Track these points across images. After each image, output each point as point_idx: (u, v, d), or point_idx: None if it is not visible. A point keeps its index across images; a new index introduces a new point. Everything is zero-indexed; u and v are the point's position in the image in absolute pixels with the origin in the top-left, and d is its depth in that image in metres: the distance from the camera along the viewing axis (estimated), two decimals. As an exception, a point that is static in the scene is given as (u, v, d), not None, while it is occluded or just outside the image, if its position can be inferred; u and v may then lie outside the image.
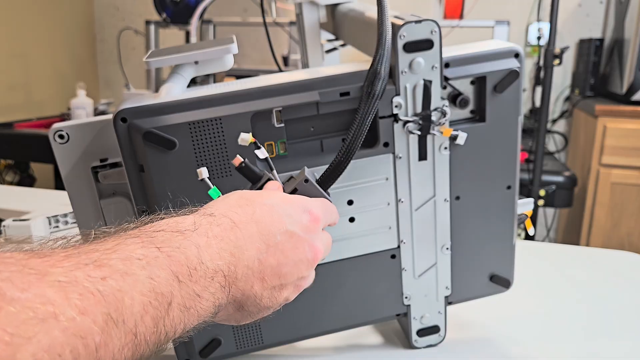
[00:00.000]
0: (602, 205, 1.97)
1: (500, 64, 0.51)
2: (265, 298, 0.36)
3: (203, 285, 0.30)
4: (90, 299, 0.23)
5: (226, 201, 0.37)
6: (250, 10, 2.63)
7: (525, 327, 0.66)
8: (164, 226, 0.31)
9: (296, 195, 0.41)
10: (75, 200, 0.54)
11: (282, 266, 0.36)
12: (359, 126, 0.45)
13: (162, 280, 0.28)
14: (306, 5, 0.76)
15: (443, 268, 0.57)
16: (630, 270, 0.83)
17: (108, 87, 3.17)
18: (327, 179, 0.45)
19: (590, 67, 2.20)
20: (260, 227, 0.35)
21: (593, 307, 0.71)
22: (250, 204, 0.36)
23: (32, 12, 2.68)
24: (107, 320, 0.24)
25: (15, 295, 0.21)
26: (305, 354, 0.60)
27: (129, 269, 0.26)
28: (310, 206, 0.40)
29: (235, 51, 0.50)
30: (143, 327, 0.26)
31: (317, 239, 0.39)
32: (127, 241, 0.28)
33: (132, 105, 0.46)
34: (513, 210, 0.57)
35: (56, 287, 0.22)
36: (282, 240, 0.36)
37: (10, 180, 2.39)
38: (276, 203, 0.38)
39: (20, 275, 0.22)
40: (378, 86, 0.44)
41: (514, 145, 0.54)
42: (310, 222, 0.39)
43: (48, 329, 0.21)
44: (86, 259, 0.25)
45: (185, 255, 0.30)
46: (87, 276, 0.24)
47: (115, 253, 0.27)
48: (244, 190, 0.40)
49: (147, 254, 0.28)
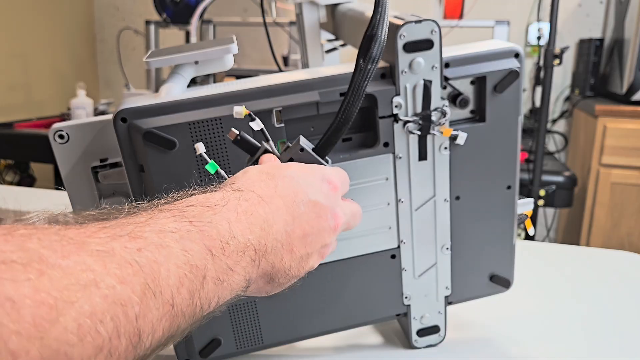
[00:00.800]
0: (602, 205, 1.97)
1: (500, 64, 0.51)
2: (293, 268, 0.36)
3: (235, 260, 0.31)
4: (128, 269, 0.24)
5: (247, 176, 0.37)
6: (250, 10, 2.63)
7: (525, 327, 0.66)
8: (193, 201, 0.31)
9: (312, 165, 0.41)
10: (75, 201, 0.54)
11: (308, 235, 0.37)
12: (356, 89, 0.42)
13: (195, 254, 0.28)
14: (306, 5, 0.76)
15: (443, 268, 0.57)
16: (630, 270, 0.83)
17: (108, 87, 3.17)
18: (324, 146, 0.44)
19: (590, 67, 2.20)
20: (285, 200, 0.36)
21: (593, 307, 0.71)
22: (271, 178, 0.37)
23: (32, 12, 2.68)
24: (145, 290, 0.24)
25: (57, 261, 0.21)
26: (305, 354, 0.60)
27: (163, 241, 0.26)
28: (328, 174, 0.40)
29: (235, 51, 0.50)
30: (180, 299, 0.26)
31: (337, 206, 0.40)
32: (159, 215, 0.28)
33: (132, 105, 0.46)
34: (513, 210, 0.57)
35: (95, 256, 0.23)
36: (306, 211, 0.37)
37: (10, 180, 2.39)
38: (296, 174, 0.38)
39: (59, 244, 0.22)
40: (375, 49, 0.42)
41: (514, 145, 0.54)
42: (330, 190, 0.40)
43: (89, 295, 0.21)
44: (121, 231, 0.25)
45: (217, 230, 0.30)
46: (123, 247, 0.24)
47: (148, 226, 0.27)
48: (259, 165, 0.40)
49: (180, 228, 0.28)
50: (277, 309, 0.55)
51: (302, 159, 0.43)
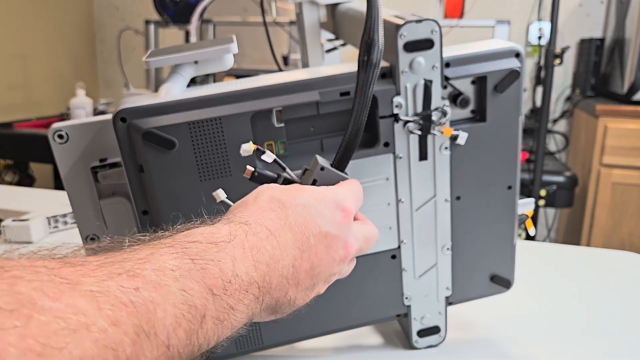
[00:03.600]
0: (602, 205, 1.97)
1: (501, 63, 0.51)
2: (299, 299, 0.36)
3: (237, 298, 0.30)
4: (122, 310, 0.23)
5: (258, 204, 0.36)
6: (250, 10, 2.63)
7: (526, 327, 0.66)
8: (198, 237, 0.31)
9: (326, 189, 0.39)
10: (74, 201, 0.54)
11: (316, 268, 0.36)
12: (362, 98, 0.42)
13: (195, 293, 0.27)
14: (306, 5, 0.76)
15: (443, 268, 0.57)
16: (631, 271, 0.83)
17: (108, 87, 3.16)
18: (342, 160, 0.44)
19: (591, 67, 2.20)
20: (294, 232, 0.35)
21: (594, 307, 0.71)
22: (282, 207, 0.36)
23: (31, 12, 2.68)
24: (139, 332, 0.24)
25: (47, 304, 0.21)
26: (305, 355, 0.60)
27: (162, 280, 0.26)
28: (343, 201, 0.39)
29: (235, 51, 0.50)
30: (176, 340, 0.26)
31: (350, 234, 0.39)
32: (160, 251, 0.28)
33: (131, 105, 0.46)
34: (514, 210, 0.57)
35: (88, 297, 0.22)
36: (315, 243, 0.36)
37: (10, 180, 2.39)
38: (308, 202, 0.37)
39: (51, 285, 0.22)
40: (374, 54, 0.41)
41: (515, 145, 0.54)
42: (344, 218, 0.38)
43: (79, 340, 0.21)
44: (119, 268, 0.25)
45: (220, 268, 0.29)
46: (119, 286, 0.24)
47: (148, 263, 0.26)
48: (271, 186, 0.39)
49: (180, 266, 0.27)
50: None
51: (325, 177, 0.43)
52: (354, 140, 0.43)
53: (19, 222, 0.95)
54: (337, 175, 0.43)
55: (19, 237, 0.94)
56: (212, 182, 0.48)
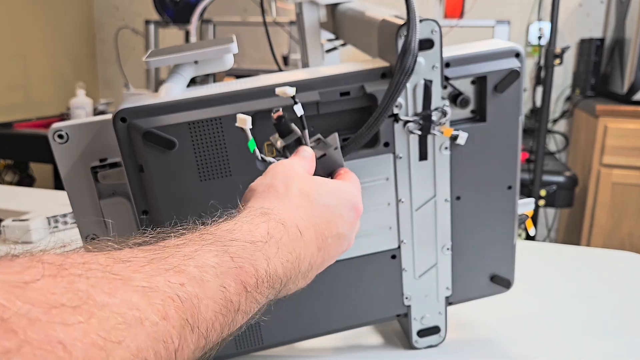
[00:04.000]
0: (602, 205, 1.97)
1: (501, 63, 0.51)
2: (301, 286, 0.39)
3: (263, 294, 0.32)
4: (170, 305, 0.25)
5: (290, 199, 0.38)
6: (250, 10, 2.63)
7: (526, 327, 0.66)
8: (238, 234, 0.32)
9: (346, 190, 0.42)
10: (74, 201, 0.53)
11: (325, 263, 0.40)
12: (391, 96, 0.46)
13: (232, 290, 0.29)
14: (306, 5, 0.76)
15: (443, 268, 0.57)
16: (631, 271, 0.83)
17: (107, 87, 3.16)
18: (352, 145, 0.47)
19: (591, 67, 2.20)
20: (317, 231, 0.38)
21: (594, 307, 0.71)
22: (310, 205, 0.38)
23: (31, 12, 2.68)
24: (184, 325, 0.25)
25: (104, 300, 0.22)
26: (305, 355, 0.60)
27: (204, 277, 0.27)
28: (357, 201, 0.42)
29: (235, 51, 0.50)
30: (213, 332, 0.28)
31: (354, 231, 0.42)
32: (203, 248, 0.29)
33: (131, 105, 0.46)
34: (514, 210, 0.56)
35: (140, 293, 0.24)
36: (331, 242, 0.39)
37: (10, 180, 2.39)
38: (332, 204, 0.39)
39: (106, 281, 0.23)
40: (409, 61, 0.45)
41: (515, 145, 0.54)
42: (355, 218, 0.41)
43: (135, 334, 0.22)
44: (166, 264, 0.26)
45: (255, 268, 0.31)
46: (167, 282, 0.25)
47: (192, 260, 0.28)
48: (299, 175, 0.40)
49: (221, 263, 0.29)
50: (277, 310, 0.55)
51: (332, 156, 0.45)
52: (370, 131, 0.46)
53: (18, 222, 0.95)
54: (340, 158, 0.46)
55: (19, 237, 0.94)
56: (212, 182, 0.48)
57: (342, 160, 0.46)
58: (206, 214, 0.49)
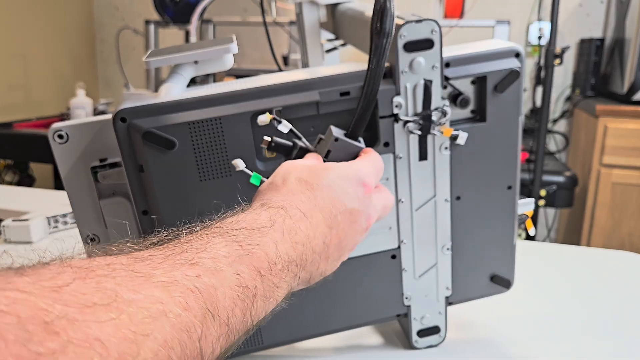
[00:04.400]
0: (602, 205, 1.97)
1: (501, 63, 0.51)
2: (328, 270, 0.40)
3: (280, 277, 0.33)
4: (190, 296, 0.26)
5: (288, 187, 0.39)
6: (250, 10, 2.63)
7: (526, 327, 0.66)
8: (243, 224, 0.34)
9: (349, 166, 0.41)
10: (74, 201, 0.54)
11: (342, 241, 0.40)
12: (376, 65, 0.43)
13: (246, 276, 0.30)
14: (306, 5, 0.76)
15: (443, 268, 0.57)
16: (631, 271, 0.83)
17: (107, 87, 3.16)
18: (355, 129, 0.45)
19: (591, 66, 2.20)
20: (323, 212, 0.38)
21: (594, 308, 0.71)
22: (311, 189, 0.39)
23: (31, 12, 2.68)
24: (205, 314, 0.27)
25: (130, 297, 0.24)
26: (305, 355, 0.60)
27: (218, 267, 0.29)
28: (364, 176, 0.41)
29: (235, 51, 0.50)
30: (234, 319, 0.29)
31: (371, 206, 0.42)
32: (213, 240, 0.31)
33: (131, 105, 0.46)
34: (514, 210, 0.56)
35: (161, 287, 0.25)
36: (342, 219, 0.39)
37: (10, 180, 2.39)
38: (333, 182, 0.40)
39: (129, 279, 0.25)
40: (387, 23, 0.42)
41: (515, 145, 0.54)
42: (365, 193, 0.41)
43: (161, 326, 0.24)
44: (181, 259, 0.28)
45: (265, 252, 0.33)
46: (184, 275, 0.27)
47: (204, 252, 0.30)
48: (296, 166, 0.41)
49: (231, 252, 0.31)
50: (277, 309, 0.55)
51: (339, 147, 0.44)
52: (367, 109, 0.44)
53: (18, 222, 0.95)
54: (351, 145, 0.45)
55: (18, 237, 0.94)
56: (212, 182, 0.48)
57: (354, 145, 0.45)
58: (206, 213, 0.49)
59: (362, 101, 0.44)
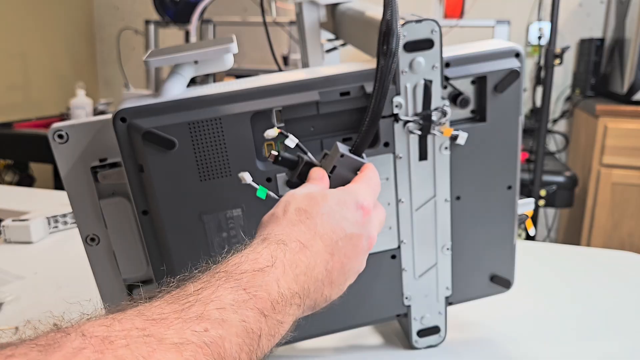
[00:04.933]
0: (602, 205, 1.97)
1: (501, 63, 0.51)
2: (333, 294, 0.40)
3: (284, 313, 0.34)
4: (199, 353, 0.28)
5: (288, 218, 0.39)
6: (250, 10, 2.63)
7: (526, 327, 0.66)
8: (245, 265, 0.35)
9: (347, 192, 0.42)
10: (74, 201, 0.54)
11: (345, 265, 0.40)
12: (380, 85, 0.44)
13: (251, 320, 0.32)
14: (306, 5, 0.76)
15: (443, 268, 0.57)
16: (631, 271, 0.83)
17: (107, 87, 3.16)
18: (360, 145, 0.46)
19: (591, 67, 2.20)
20: (324, 240, 0.39)
21: (594, 308, 0.71)
22: (310, 218, 0.39)
23: (31, 11, 2.68)
24: None
25: None
26: (305, 355, 0.60)
27: (225, 317, 0.30)
28: (362, 199, 0.42)
29: (235, 51, 0.50)
30: None
31: (372, 227, 0.42)
32: (219, 289, 0.32)
33: (131, 105, 0.46)
34: (514, 210, 0.56)
35: (173, 349, 0.27)
36: (343, 245, 0.40)
37: (10, 180, 2.39)
38: (332, 209, 0.40)
39: (145, 346, 0.26)
40: (393, 43, 0.43)
41: (515, 145, 0.54)
42: (364, 216, 0.41)
43: None
44: (190, 314, 0.29)
45: (268, 292, 0.33)
46: (193, 332, 0.28)
47: (212, 303, 0.31)
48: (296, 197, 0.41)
49: (237, 298, 0.32)
50: None
51: (344, 163, 0.45)
52: (372, 126, 0.44)
53: (18, 222, 0.95)
54: (355, 160, 0.45)
55: (19, 237, 0.94)
56: (212, 182, 0.48)
57: (358, 161, 0.45)
58: (206, 213, 0.49)
59: (368, 119, 0.44)
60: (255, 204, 0.49)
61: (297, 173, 0.45)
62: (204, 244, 0.50)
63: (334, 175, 0.45)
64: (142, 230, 0.50)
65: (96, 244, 0.55)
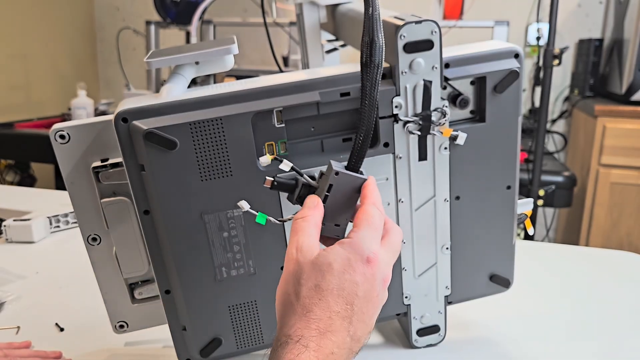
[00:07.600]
0: (601, 205, 1.97)
1: (500, 64, 0.51)
2: (362, 342, 0.41)
3: None
4: None
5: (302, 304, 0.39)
6: (250, 11, 2.63)
7: (525, 326, 0.66)
8: None
9: (349, 248, 0.40)
10: (76, 200, 0.54)
11: (366, 319, 0.40)
12: (369, 99, 0.42)
13: None
14: (306, 6, 0.77)
15: (443, 268, 0.57)
16: (629, 270, 0.83)
17: (108, 88, 3.17)
18: (356, 161, 0.45)
19: (590, 67, 2.20)
20: (340, 315, 0.39)
21: (592, 307, 0.71)
22: (323, 297, 0.39)
23: (32, 12, 2.68)
24: None
25: None
26: (306, 354, 0.60)
27: None
28: (367, 251, 0.40)
29: (236, 51, 0.50)
30: None
31: (384, 268, 0.41)
32: None
33: (132, 106, 0.46)
34: (513, 210, 0.57)
35: None
36: (359, 307, 0.40)
37: (11, 180, 2.39)
38: (341, 280, 0.39)
39: None
40: (376, 55, 0.42)
41: (514, 145, 0.54)
42: (373, 267, 0.40)
43: None
44: None
45: None
46: None
47: None
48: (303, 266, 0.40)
49: None
50: None
51: (340, 180, 0.43)
52: (365, 140, 0.43)
53: (20, 221, 0.95)
54: (352, 177, 0.44)
55: (20, 237, 0.94)
56: (213, 182, 0.48)
57: (355, 177, 0.44)
58: (207, 213, 0.49)
59: (360, 134, 0.43)
60: (256, 205, 0.49)
61: (295, 196, 0.45)
62: (204, 244, 0.51)
63: (331, 194, 0.43)
64: (144, 230, 0.50)
65: (98, 244, 0.55)
